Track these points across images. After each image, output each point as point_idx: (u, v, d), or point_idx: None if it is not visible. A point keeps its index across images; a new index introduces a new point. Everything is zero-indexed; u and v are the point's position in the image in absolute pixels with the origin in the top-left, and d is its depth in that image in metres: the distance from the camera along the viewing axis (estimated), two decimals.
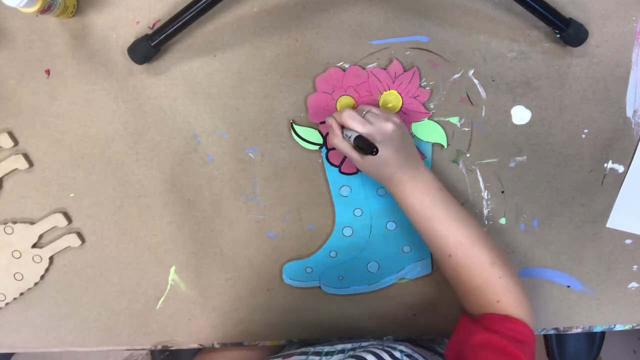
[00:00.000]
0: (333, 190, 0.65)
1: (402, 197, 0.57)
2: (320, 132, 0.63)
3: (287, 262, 0.68)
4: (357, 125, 0.54)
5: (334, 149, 0.64)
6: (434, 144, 0.64)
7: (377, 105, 0.62)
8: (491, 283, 0.55)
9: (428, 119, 0.63)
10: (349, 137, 0.54)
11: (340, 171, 0.64)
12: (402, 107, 0.62)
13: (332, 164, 0.64)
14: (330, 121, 0.57)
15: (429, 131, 0.63)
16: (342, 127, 0.57)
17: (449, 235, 0.56)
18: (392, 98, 0.62)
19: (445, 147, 0.64)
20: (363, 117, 0.55)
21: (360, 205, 0.66)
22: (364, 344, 0.62)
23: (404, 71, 0.61)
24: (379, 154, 0.51)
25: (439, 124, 0.63)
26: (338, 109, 0.62)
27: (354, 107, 0.61)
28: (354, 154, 0.56)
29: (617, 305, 0.69)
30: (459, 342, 0.55)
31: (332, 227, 0.67)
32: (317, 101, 0.62)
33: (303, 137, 0.64)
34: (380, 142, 0.53)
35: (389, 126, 0.54)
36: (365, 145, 0.51)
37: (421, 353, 0.56)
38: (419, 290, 0.69)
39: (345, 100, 0.62)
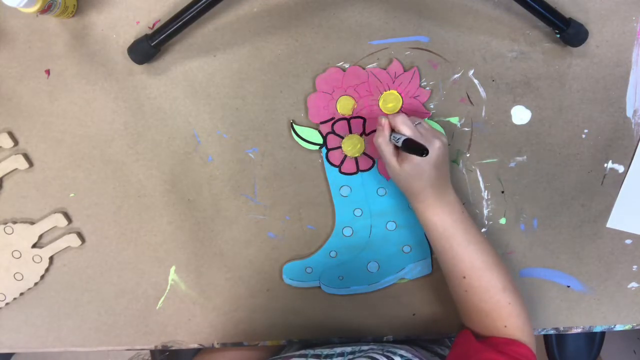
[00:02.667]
0: (333, 190, 0.65)
1: (425, 213, 0.58)
2: (320, 132, 0.63)
3: (287, 262, 0.68)
4: (409, 131, 0.54)
5: (334, 149, 0.64)
6: None
7: (377, 105, 0.62)
8: (501, 308, 0.57)
9: (428, 119, 0.63)
10: (397, 139, 0.54)
11: (340, 171, 0.64)
12: (402, 107, 0.62)
13: (332, 164, 0.64)
14: (384, 122, 0.57)
15: None
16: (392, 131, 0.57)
17: (465, 257, 0.57)
18: (392, 98, 0.62)
19: None
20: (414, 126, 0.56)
21: (360, 205, 0.66)
22: (364, 347, 0.62)
23: (404, 71, 0.61)
24: (425, 156, 0.50)
25: (439, 124, 0.63)
26: (338, 109, 0.62)
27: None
28: (392, 160, 0.56)
29: (617, 305, 0.69)
30: (462, 355, 0.56)
31: (332, 227, 0.67)
32: (317, 101, 0.62)
33: (303, 137, 0.64)
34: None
35: (436, 142, 0.54)
36: (415, 147, 0.51)
37: (421, 357, 0.56)
38: (419, 290, 0.69)
39: (345, 100, 0.62)
